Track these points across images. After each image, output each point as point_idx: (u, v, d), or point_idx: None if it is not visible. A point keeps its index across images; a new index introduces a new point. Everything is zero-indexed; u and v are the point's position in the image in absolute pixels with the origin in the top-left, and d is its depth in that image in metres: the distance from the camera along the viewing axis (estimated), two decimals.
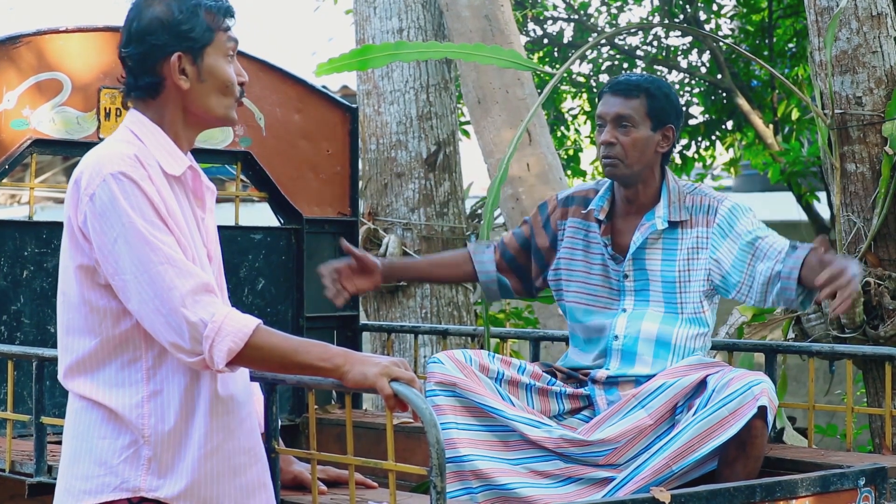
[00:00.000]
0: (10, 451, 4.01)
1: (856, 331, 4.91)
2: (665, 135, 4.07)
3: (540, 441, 3.90)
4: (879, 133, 4.93)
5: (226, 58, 3.00)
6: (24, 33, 4.64)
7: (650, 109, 4.04)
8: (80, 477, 2.90)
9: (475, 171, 9.02)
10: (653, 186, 4.11)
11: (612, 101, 4.06)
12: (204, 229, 3.02)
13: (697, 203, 4.09)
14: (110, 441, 2.88)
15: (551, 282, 4.25)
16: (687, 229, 4.07)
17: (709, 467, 3.85)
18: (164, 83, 2.97)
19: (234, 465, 2.93)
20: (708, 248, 4.05)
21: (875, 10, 4.96)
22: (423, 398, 2.89)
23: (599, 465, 3.89)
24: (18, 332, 4.70)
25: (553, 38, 10.28)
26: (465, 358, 3.95)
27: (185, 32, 2.95)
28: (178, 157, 2.97)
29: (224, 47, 3.00)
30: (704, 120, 10.53)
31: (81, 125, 4.74)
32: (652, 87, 4.06)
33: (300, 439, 5.10)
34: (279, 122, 5.19)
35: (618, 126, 4.04)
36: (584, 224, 4.18)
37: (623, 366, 4.05)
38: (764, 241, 3.97)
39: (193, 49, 2.95)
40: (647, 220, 4.07)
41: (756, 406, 3.71)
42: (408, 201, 6.62)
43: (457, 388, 3.90)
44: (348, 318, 5.36)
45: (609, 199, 4.14)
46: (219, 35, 2.99)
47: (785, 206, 11.43)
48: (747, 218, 4.05)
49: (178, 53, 2.94)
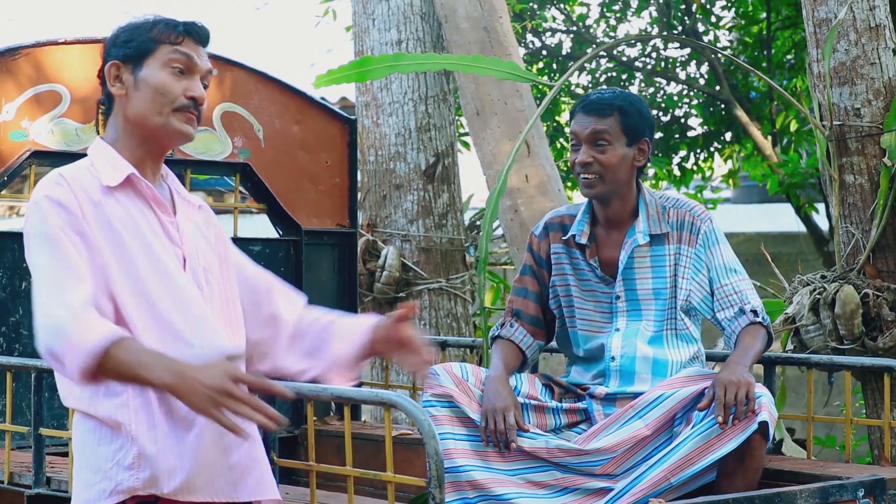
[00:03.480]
0: (9, 463, 4.01)
1: (854, 342, 4.90)
2: (640, 149, 4.08)
3: (535, 451, 3.90)
4: (878, 144, 4.93)
5: (168, 69, 3.02)
6: (23, 45, 4.65)
7: (624, 126, 4.04)
8: (82, 486, 2.94)
9: (474, 182, 9.01)
10: (630, 201, 4.10)
11: (585, 121, 4.04)
12: (177, 233, 3.03)
13: (680, 217, 4.09)
14: (104, 447, 2.91)
15: (554, 310, 4.23)
16: (672, 244, 4.08)
17: (707, 479, 3.85)
18: (110, 96, 3.03)
19: (225, 444, 2.92)
20: (690, 268, 4.07)
21: (873, 22, 4.97)
22: (421, 410, 2.89)
23: (596, 475, 3.89)
24: (17, 344, 4.70)
25: (552, 49, 10.29)
26: (461, 373, 3.96)
27: (123, 42, 3.03)
28: (118, 167, 3.00)
29: (167, 59, 3.02)
30: (703, 132, 10.54)
31: (80, 137, 4.74)
32: (624, 104, 4.05)
33: (299, 451, 5.10)
34: (278, 133, 5.20)
35: (593, 145, 4.03)
36: (566, 249, 4.16)
37: (622, 384, 4.06)
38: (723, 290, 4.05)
39: (131, 57, 3.01)
40: (629, 236, 4.07)
41: (756, 420, 3.72)
42: (406, 213, 6.62)
43: (453, 399, 3.91)
44: None
45: (588, 222, 4.13)
46: (162, 47, 3.02)
47: (783, 218, 11.44)
48: (719, 250, 4.09)
49: (112, 62, 3.00)
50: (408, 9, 6.64)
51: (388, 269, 6.46)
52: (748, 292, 4.06)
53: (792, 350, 5.05)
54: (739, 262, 4.14)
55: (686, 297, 4.06)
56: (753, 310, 4.02)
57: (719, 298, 4.06)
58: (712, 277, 4.07)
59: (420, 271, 6.54)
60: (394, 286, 6.48)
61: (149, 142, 3.06)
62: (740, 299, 4.04)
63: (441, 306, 6.60)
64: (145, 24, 3.05)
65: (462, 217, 6.83)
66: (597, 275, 4.09)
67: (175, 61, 3.04)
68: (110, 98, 3.04)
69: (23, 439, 4.33)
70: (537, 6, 9.92)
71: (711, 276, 4.07)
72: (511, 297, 4.29)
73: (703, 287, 4.07)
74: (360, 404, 5.11)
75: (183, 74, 3.04)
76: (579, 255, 4.13)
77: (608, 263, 4.10)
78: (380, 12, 6.66)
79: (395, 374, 6.47)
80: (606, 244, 4.11)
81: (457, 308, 6.65)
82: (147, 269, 2.94)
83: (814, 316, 4.96)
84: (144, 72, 3.02)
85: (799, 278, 5.12)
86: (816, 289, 4.99)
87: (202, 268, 3.06)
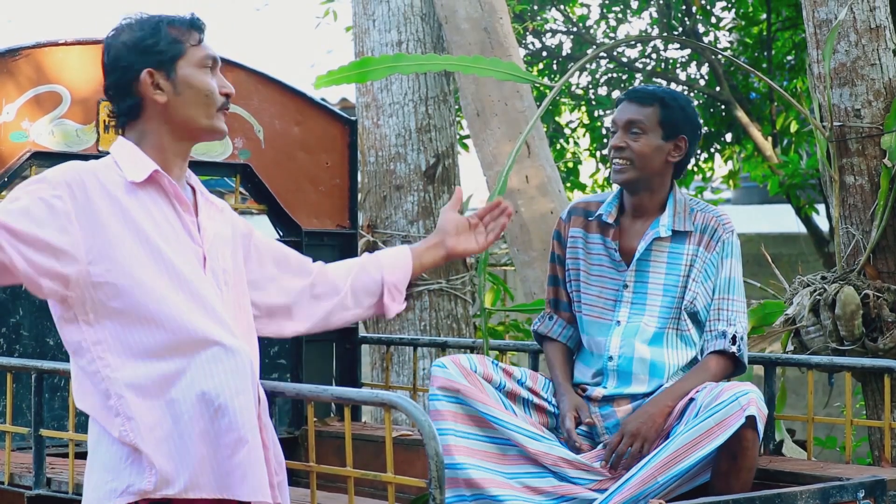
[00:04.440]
0: (9, 464, 4.01)
1: (854, 343, 4.90)
2: (677, 145, 4.09)
3: (538, 456, 3.90)
4: (878, 145, 4.93)
5: (202, 69, 3.03)
6: (23, 46, 4.64)
7: (662, 118, 4.06)
8: (93, 486, 2.95)
9: (474, 183, 9.01)
10: (660, 195, 4.12)
11: (625, 108, 4.10)
12: (198, 232, 3.04)
13: (706, 222, 4.11)
14: (117, 448, 2.92)
15: (572, 293, 4.25)
16: (693, 244, 4.09)
17: (701, 480, 3.85)
18: (142, 103, 3.03)
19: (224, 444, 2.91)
20: (703, 272, 4.08)
21: (873, 23, 4.97)
22: (421, 411, 2.89)
23: (593, 490, 3.90)
24: (17, 345, 4.71)
25: (552, 50, 10.29)
26: (470, 364, 3.95)
27: (149, 48, 3.01)
28: (143, 165, 3.00)
29: (197, 59, 3.03)
30: (703, 132, 10.54)
31: (80, 138, 4.74)
32: (667, 98, 4.10)
33: (299, 452, 5.09)
34: (278, 134, 5.20)
35: (628, 132, 4.07)
36: (584, 234, 4.18)
37: (620, 385, 4.07)
38: (719, 303, 4.07)
39: (163, 63, 3.01)
40: (652, 228, 4.09)
41: (744, 416, 3.72)
42: (407, 214, 6.62)
43: (460, 394, 3.91)
44: (347, 331, 5.35)
45: (617, 206, 4.15)
46: (189, 48, 3.03)
47: (784, 219, 11.44)
48: (730, 264, 4.10)
49: (147, 70, 3.00)
50: (408, 10, 6.64)
51: None
52: (739, 315, 4.07)
53: (792, 351, 5.05)
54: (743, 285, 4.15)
55: (692, 298, 4.06)
56: (734, 336, 4.02)
57: (712, 310, 4.07)
58: (715, 287, 4.08)
59: None
60: None
61: (188, 141, 3.07)
62: (728, 319, 4.05)
63: (441, 307, 6.60)
64: (159, 25, 3.03)
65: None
66: (612, 258, 4.11)
67: (205, 60, 3.05)
68: (137, 105, 3.03)
69: (23, 440, 4.33)
70: (537, 7, 9.92)
71: (715, 285, 4.08)
72: (547, 287, 4.35)
73: (708, 294, 4.07)
74: (361, 405, 5.11)
75: (212, 72, 3.06)
76: (597, 239, 4.14)
77: (626, 252, 4.12)
78: (380, 13, 6.66)
79: (395, 376, 6.48)
80: (629, 233, 4.13)
81: (457, 309, 6.65)
82: (163, 267, 2.94)
83: (814, 317, 4.96)
84: (181, 75, 3.02)
85: (799, 279, 5.13)
86: (817, 290, 4.99)
87: (222, 269, 3.07)
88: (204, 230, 3.06)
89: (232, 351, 2.92)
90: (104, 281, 2.91)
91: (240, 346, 2.95)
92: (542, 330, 4.30)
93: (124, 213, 2.94)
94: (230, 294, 3.07)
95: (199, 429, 2.89)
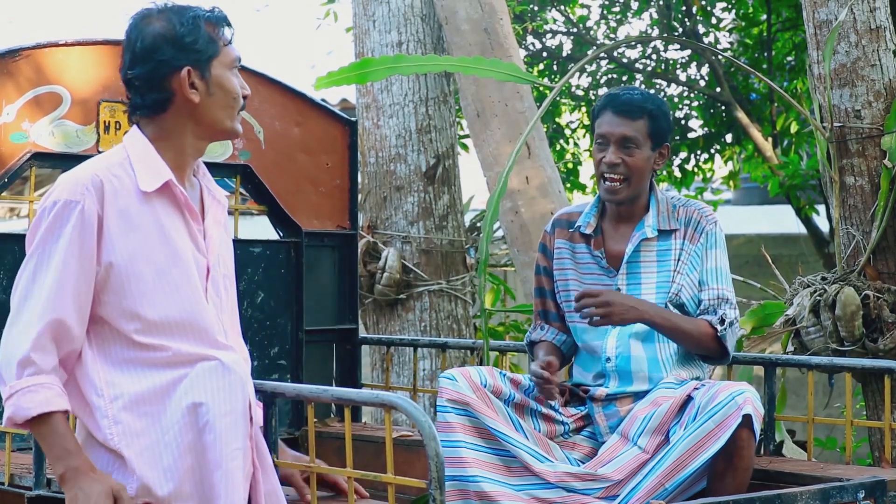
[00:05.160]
0: (10, 465, 4.01)
1: (855, 344, 4.90)
2: (661, 153, 4.11)
3: (543, 474, 3.91)
4: (878, 146, 4.93)
5: (231, 70, 3.02)
6: (23, 47, 4.64)
7: (651, 130, 4.06)
8: None
9: (474, 184, 9.01)
10: (643, 199, 4.14)
11: (615, 122, 4.05)
12: (204, 240, 3.03)
13: (689, 215, 4.13)
14: (102, 452, 2.94)
15: (562, 304, 4.25)
16: (678, 240, 4.10)
17: (698, 487, 3.85)
18: (172, 98, 2.98)
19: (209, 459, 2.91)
20: (688, 264, 4.09)
21: (874, 24, 4.97)
22: (421, 411, 2.89)
23: (601, 498, 3.90)
24: None
25: (552, 51, 10.29)
26: (480, 378, 3.94)
27: (190, 45, 2.96)
28: (156, 172, 2.97)
29: (229, 60, 3.02)
30: (703, 133, 10.54)
31: (81, 138, 4.74)
32: (654, 108, 4.08)
33: (299, 452, 5.09)
34: (278, 135, 5.20)
35: (621, 146, 4.04)
36: (569, 244, 4.19)
37: (622, 385, 4.07)
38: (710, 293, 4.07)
39: (200, 62, 2.97)
40: (637, 230, 4.09)
41: (741, 415, 3.71)
42: (407, 214, 6.62)
43: (469, 407, 3.90)
44: (347, 332, 5.35)
45: (596, 215, 4.15)
46: (223, 48, 3.01)
47: (784, 219, 11.43)
48: (716, 254, 4.10)
49: (187, 67, 2.95)
50: (408, 10, 6.65)
51: (388, 271, 6.46)
52: (728, 304, 4.07)
53: (792, 352, 5.05)
54: (730, 273, 4.15)
55: (677, 290, 4.07)
56: (723, 318, 4.03)
57: (705, 300, 4.07)
58: (702, 280, 4.08)
59: (420, 273, 6.54)
60: (394, 288, 6.48)
61: (206, 140, 3.06)
62: (720, 306, 4.06)
63: (441, 308, 6.60)
64: (197, 21, 2.98)
65: (462, 219, 6.83)
66: (601, 266, 4.10)
67: (234, 62, 3.03)
68: (166, 100, 2.98)
69: (23, 441, 4.33)
70: (538, 8, 9.92)
71: (702, 277, 4.08)
72: (534, 299, 4.33)
73: (694, 285, 4.08)
74: (361, 406, 5.11)
75: (235, 72, 3.05)
76: (584, 249, 4.14)
77: (613, 256, 4.12)
78: (380, 14, 6.66)
79: (395, 377, 6.48)
80: (613, 237, 4.13)
81: (457, 310, 6.65)
82: (166, 281, 2.94)
83: (814, 317, 4.96)
84: (214, 76, 2.99)
85: (799, 280, 5.12)
86: (817, 290, 4.99)
87: (223, 275, 3.06)
88: (210, 238, 3.05)
89: (228, 369, 2.91)
90: (105, 294, 2.92)
91: (235, 362, 2.94)
92: (536, 338, 4.31)
93: (133, 230, 2.92)
94: (228, 299, 3.07)
95: (186, 441, 2.89)
